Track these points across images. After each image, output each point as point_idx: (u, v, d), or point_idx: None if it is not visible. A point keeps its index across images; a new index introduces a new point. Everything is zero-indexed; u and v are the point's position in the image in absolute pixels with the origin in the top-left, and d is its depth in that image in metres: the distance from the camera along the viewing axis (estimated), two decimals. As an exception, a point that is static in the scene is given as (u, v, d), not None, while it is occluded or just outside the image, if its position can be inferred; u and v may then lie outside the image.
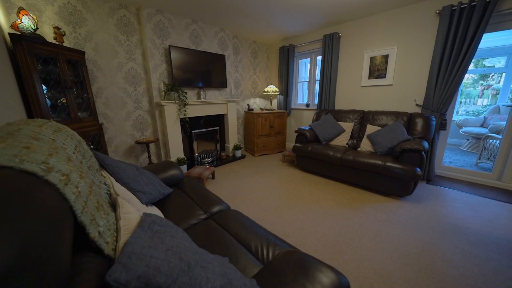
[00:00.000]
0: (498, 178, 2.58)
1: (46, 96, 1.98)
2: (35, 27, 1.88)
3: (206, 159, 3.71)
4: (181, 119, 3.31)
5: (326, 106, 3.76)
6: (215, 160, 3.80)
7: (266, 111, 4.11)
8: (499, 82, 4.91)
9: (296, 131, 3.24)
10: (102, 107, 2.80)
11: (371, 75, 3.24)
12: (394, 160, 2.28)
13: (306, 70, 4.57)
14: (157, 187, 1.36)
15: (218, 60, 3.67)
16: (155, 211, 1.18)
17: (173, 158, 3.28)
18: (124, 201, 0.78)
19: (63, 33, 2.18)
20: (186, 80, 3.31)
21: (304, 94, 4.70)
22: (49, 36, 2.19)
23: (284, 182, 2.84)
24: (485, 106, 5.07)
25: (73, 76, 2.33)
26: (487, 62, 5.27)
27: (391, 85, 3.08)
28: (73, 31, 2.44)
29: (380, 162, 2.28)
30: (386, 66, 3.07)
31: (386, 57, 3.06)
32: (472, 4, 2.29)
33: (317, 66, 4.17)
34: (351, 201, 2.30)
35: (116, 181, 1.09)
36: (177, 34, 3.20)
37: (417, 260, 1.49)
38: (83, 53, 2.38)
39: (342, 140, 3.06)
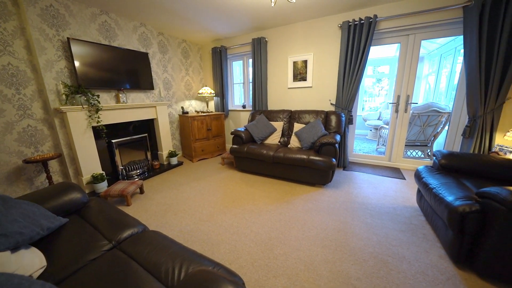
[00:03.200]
0: (389, 159, 3.32)
1: None
2: None
3: (134, 172, 3.24)
4: (95, 128, 2.76)
5: (259, 107, 3.92)
6: (146, 171, 3.37)
7: (202, 114, 3.95)
8: (387, 85, 6.35)
9: (232, 133, 3.23)
10: (-43, 118, 2.01)
11: (295, 78, 3.58)
12: (316, 153, 2.58)
13: (241, 72, 4.65)
14: (38, 222, 1.05)
15: (140, 59, 3.26)
16: (28, 256, 0.89)
17: (86, 176, 2.70)
18: None
19: None
20: (99, 81, 2.79)
21: (241, 95, 4.76)
22: None
23: (222, 186, 2.79)
24: (381, 103, 6.47)
25: None
26: (380, 69, 6.72)
27: (311, 87, 3.48)
28: None
29: (305, 157, 2.54)
30: (306, 70, 3.45)
31: (305, 62, 3.44)
32: (361, 22, 2.84)
33: (250, 69, 4.30)
34: (284, 195, 2.47)
35: (-50, 226, 0.76)
36: (80, 25, 2.64)
37: (334, 241, 1.71)
38: None
39: (274, 139, 3.26)
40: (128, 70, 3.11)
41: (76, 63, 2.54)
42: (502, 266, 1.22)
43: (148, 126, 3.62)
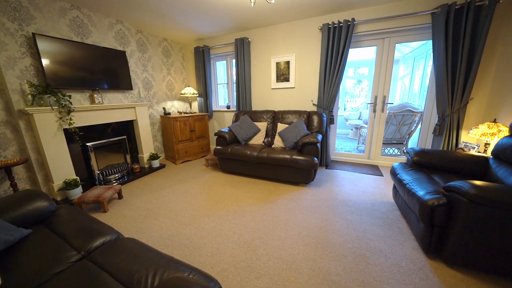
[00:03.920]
0: (368, 157, 3.46)
1: None
2: None
3: (112, 176, 3.09)
4: (67, 130, 2.58)
5: (244, 107, 3.91)
6: (125, 175, 3.22)
7: (185, 115, 3.85)
8: (367, 86, 6.63)
9: (215, 134, 3.19)
10: None
11: (278, 78, 3.62)
12: (299, 153, 2.62)
13: (225, 72, 4.60)
14: (-6, 234, 0.95)
15: (117, 57, 3.11)
16: (-20, 272, 0.80)
17: (58, 182, 2.52)
18: None
19: None
20: (71, 80, 2.62)
21: (225, 96, 4.72)
22: None
23: (206, 188, 2.74)
24: (361, 104, 6.74)
25: None
26: (360, 70, 6.99)
27: (294, 87, 3.54)
28: None
29: (288, 156, 2.57)
30: (289, 71, 3.50)
31: (288, 63, 3.49)
32: (340, 25, 2.93)
33: (233, 69, 4.27)
34: (268, 195, 2.47)
35: None
36: (47, 20, 2.46)
37: (315, 238, 1.74)
38: None
39: (258, 139, 3.26)
40: (104, 69, 2.95)
41: (44, 61, 2.36)
42: (465, 253, 1.32)
43: (127, 128, 3.47)
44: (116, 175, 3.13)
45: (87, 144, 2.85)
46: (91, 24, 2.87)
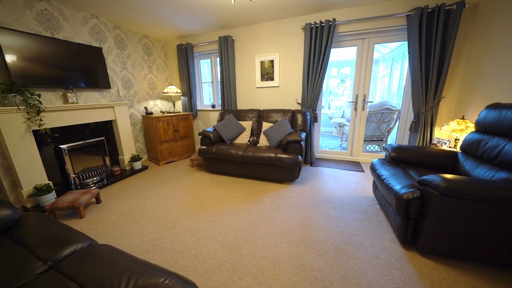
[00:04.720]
0: (350, 154, 3.57)
1: None
2: None
3: (90, 179, 2.93)
4: (37, 132, 2.40)
5: (229, 106, 3.87)
6: (104, 178, 3.07)
7: (168, 114, 3.74)
8: (350, 85, 6.83)
9: (199, 134, 3.13)
10: None
11: (263, 77, 3.62)
12: (283, 151, 2.64)
13: (210, 70, 4.52)
14: None
15: (93, 54, 2.94)
16: None
17: (27, 188, 2.35)
18: None
19: None
20: (41, 78, 2.46)
21: (210, 95, 4.64)
22: None
23: (190, 189, 2.68)
24: (344, 102, 6.93)
25: None
26: (343, 70, 7.18)
27: (278, 86, 3.56)
28: None
29: (272, 155, 2.58)
30: (273, 70, 3.51)
31: (272, 62, 3.50)
32: (322, 25, 2.98)
33: (218, 68, 4.21)
34: (253, 195, 2.47)
35: None
36: (10, 12, 2.26)
37: (299, 235, 1.76)
38: None
39: (244, 138, 3.25)
40: (78, 67, 2.78)
41: (8, 57, 2.18)
42: (437, 243, 1.40)
43: (106, 129, 3.30)
44: (94, 178, 2.97)
45: (61, 146, 2.67)
46: (62, 18, 2.69)
